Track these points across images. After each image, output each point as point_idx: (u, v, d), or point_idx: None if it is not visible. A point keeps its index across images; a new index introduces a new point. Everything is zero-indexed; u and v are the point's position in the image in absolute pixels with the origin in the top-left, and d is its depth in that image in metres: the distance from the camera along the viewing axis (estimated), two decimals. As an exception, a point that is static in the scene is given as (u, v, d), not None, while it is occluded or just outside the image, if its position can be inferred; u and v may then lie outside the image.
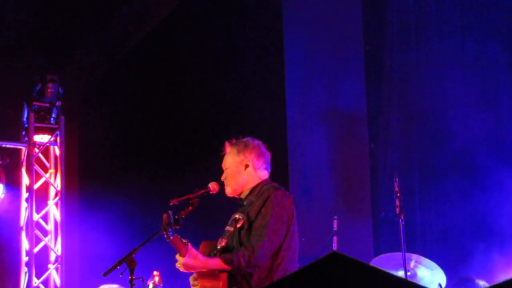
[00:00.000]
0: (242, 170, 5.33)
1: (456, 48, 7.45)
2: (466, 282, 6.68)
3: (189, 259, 5.03)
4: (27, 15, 9.49)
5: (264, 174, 5.39)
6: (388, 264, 6.48)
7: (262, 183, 5.34)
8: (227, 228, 5.22)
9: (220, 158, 5.50)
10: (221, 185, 5.39)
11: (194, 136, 9.28)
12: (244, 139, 5.43)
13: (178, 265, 5.12)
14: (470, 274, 6.80)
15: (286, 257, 5.18)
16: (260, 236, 5.06)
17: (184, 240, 5.01)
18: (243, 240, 5.13)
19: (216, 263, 5.06)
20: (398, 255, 6.36)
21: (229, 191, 5.37)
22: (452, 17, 7.51)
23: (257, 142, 5.43)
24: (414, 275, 6.50)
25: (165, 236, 4.96)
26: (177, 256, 5.09)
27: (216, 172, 5.47)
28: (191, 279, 5.29)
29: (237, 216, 5.23)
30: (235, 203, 5.46)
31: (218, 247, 5.16)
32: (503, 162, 6.96)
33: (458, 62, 7.44)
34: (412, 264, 6.47)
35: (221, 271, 5.06)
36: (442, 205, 7.32)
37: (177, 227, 5.00)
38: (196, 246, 5.21)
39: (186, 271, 5.12)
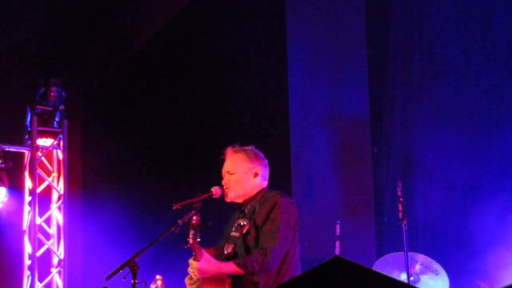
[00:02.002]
0: (251, 178, 5.36)
1: (460, 53, 7.44)
2: (471, 287, 6.67)
3: (203, 264, 5.04)
4: (31, 19, 9.51)
5: (265, 184, 5.46)
6: (393, 265, 6.48)
7: (263, 191, 5.39)
8: (233, 233, 5.23)
9: (223, 162, 5.50)
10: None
11: (197, 140, 9.28)
12: (249, 148, 5.46)
13: (191, 270, 5.11)
14: (475, 279, 6.80)
15: (292, 263, 5.24)
16: (271, 240, 5.11)
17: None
18: (250, 246, 5.18)
19: (229, 267, 5.08)
20: (401, 255, 6.34)
21: (232, 196, 5.37)
22: (456, 22, 7.50)
23: (261, 152, 5.49)
24: (417, 280, 6.49)
25: (191, 238, 4.99)
26: (191, 261, 5.09)
27: (220, 177, 5.48)
28: (186, 279, 5.31)
29: (241, 222, 5.24)
30: (233, 208, 5.48)
31: (225, 253, 5.17)
32: (506, 167, 6.95)
33: (462, 67, 7.43)
34: (417, 267, 6.46)
35: (228, 275, 5.08)
36: (446, 210, 7.31)
37: (206, 229, 5.13)
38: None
39: (200, 276, 5.10)
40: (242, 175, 5.35)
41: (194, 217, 5.05)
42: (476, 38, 7.39)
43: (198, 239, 5.07)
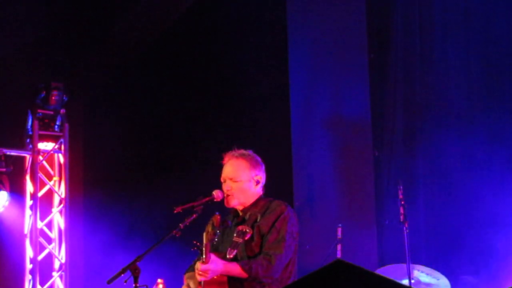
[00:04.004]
0: (253, 185, 5.42)
1: (461, 56, 7.44)
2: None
3: (212, 265, 5.06)
4: (32, 23, 9.51)
5: (262, 191, 5.50)
6: (393, 274, 6.47)
7: (262, 198, 5.45)
8: (235, 239, 5.24)
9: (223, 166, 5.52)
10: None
11: (198, 144, 9.29)
12: (249, 153, 5.48)
13: (199, 272, 5.10)
14: (476, 283, 6.79)
15: (293, 272, 5.34)
16: (277, 248, 5.20)
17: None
18: (255, 251, 5.23)
19: (235, 268, 5.13)
20: (402, 266, 6.34)
21: (235, 203, 5.40)
22: (457, 25, 7.50)
23: (259, 157, 5.52)
24: (418, 283, 6.48)
25: (207, 237, 5.02)
26: (198, 263, 5.09)
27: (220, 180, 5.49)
28: None
29: (243, 228, 5.25)
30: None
31: (228, 257, 5.18)
32: (509, 169, 6.95)
33: (463, 70, 7.43)
34: (416, 273, 6.46)
35: (229, 280, 5.10)
36: (447, 213, 7.31)
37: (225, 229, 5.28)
38: (194, 254, 5.27)
39: (208, 278, 5.09)
40: (246, 183, 5.40)
41: (216, 217, 5.10)
42: (477, 41, 7.38)
43: (216, 239, 5.13)
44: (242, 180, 5.38)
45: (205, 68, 9.29)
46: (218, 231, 5.17)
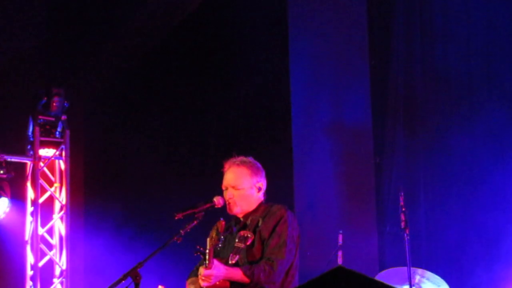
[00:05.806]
0: (255, 192, 5.43)
1: (462, 61, 7.45)
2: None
3: (215, 270, 5.07)
4: (32, 29, 9.53)
5: (262, 196, 5.51)
6: (394, 278, 6.46)
7: (263, 204, 5.46)
8: (237, 244, 5.25)
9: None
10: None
11: (199, 150, 9.29)
12: (249, 160, 5.49)
13: (202, 277, 5.10)
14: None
15: (295, 276, 5.34)
16: (278, 253, 5.20)
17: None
18: (256, 257, 5.23)
19: (237, 274, 5.14)
20: (404, 269, 6.34)
21: (238, 211, 5.41)
22: (458, 30, 7.51)
23: (259, 163, 5.52)
24: (419, 288, 6.48)
25: (211, 243, 5.03)
26: (202, 268, 5.10)
27: (221, 185, 5.49)
28: None
29: (245, 234, 5.25)
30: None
31: (230, 263, 5.18)
32: (509, 176, 6.94)
33: (465, 75, 7.44)
34: (417, 278, 6.45)
35: (231, 285, 5.10)
36: (448, 220, 7.30)
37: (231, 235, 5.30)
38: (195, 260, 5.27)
39: (211, 284, 5.10)
40: (248, 190, 5.41)
41: (221, 222, 5.11)
42: (478, 46, 7.39)
43: (220, 245, 5.14)
44: (244, 187, 5.39)
45: (206, 73, 9.30)
46: (222, 237, 5.17)
